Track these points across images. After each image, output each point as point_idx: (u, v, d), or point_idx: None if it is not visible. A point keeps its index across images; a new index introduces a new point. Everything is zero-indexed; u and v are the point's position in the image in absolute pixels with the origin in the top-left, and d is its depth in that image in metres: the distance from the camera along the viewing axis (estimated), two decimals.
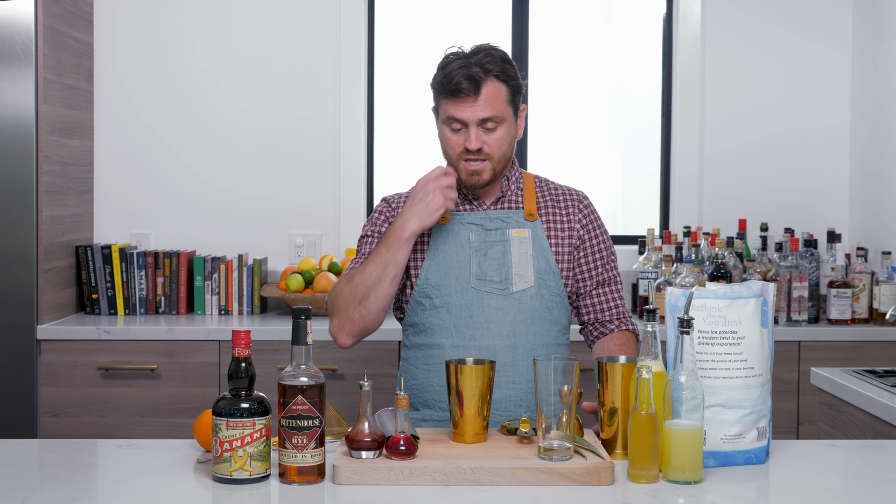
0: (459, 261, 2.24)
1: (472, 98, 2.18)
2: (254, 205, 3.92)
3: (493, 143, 2.21)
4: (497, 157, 2.23)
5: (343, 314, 2.21)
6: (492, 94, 2.19)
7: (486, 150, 2.21)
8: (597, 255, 2.33)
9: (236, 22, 3.92)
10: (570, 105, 4.13)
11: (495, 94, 2.19)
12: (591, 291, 2.33)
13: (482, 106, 2.18)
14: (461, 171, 2.23)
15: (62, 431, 3.34)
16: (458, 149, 2.22)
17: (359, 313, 2.19)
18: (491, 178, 2.24)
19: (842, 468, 1.93)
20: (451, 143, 2.23)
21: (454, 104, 2.19)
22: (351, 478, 1.73)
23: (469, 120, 2.19)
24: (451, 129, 2.22)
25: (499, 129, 2.21)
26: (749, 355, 1.87)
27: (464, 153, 2.21)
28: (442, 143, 2.26)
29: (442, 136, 2.26)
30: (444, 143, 2.25)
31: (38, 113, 3.33)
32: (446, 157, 2.27)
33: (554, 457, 1.77)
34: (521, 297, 2.23)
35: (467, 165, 2.22)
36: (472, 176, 2.23)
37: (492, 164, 2.22)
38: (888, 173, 3.73)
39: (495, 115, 2.19)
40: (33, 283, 3.32)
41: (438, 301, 2.24)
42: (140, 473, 1.80)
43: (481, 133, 2.20)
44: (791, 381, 3.44)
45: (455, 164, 2.24)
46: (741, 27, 4.00)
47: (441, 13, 4.11)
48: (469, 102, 2.18)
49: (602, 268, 2.34)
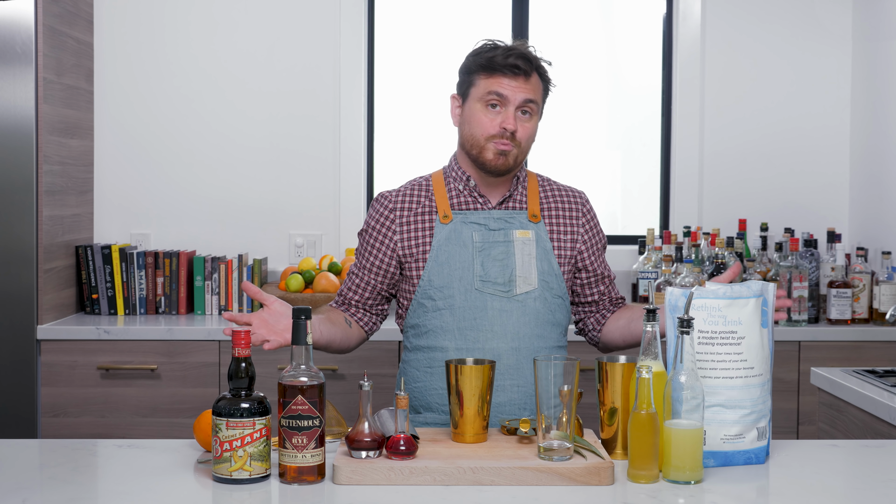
0: (462, 262, 2.23)
1: (522, 78, 2.21)
2: (254, 205, 3.92)
3: (525, 131, 2.23)
4: (524, 147, 2.24)
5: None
6: (535, 83, 2.24)
7: (518, 136, 2.22)
8: (598, 254, 2.37)
9: (236, 22, 3.92)
10: (570, 105, 4.13)
11: (537, 85, 2.25)
12: (594, 285, 2.36)
13: (529, 88, 2.21)
14: (487, 151, 2.22)
15: (62, 431, 3.34)
16: (491, 129, 2.21)
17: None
18: (513, 165, 2.24)
19: (842, 468, 1.93)
20: (483, 123, 2.22)
21: (503, 80, 2.20)
22: (351, 478, 1.73)
23: (512, 99, 2.20)
24: (488, 108, 2.21)
25: (532, 119, 2.24)
26: (749, 355, 1.87)
27: (497, 135, 2.21)
28: (471, 123, 2.24)
29: (472, 116, 2.23)
30: (475, 122, 2.23)
31: (38, 113, 3.33)
32: (471, 139, 2.24)
33: (554, 457, 1.77)
34: (525, 300, 2.23)
35: (497, 145, 2.21)
36: (499, 157, 2.21)
37: (518, 151, 2.23)
38: (888, 173, 3.73)
39: (536, 101, 2.23)
40: (33, 283, 3.32)
41: (442, 303, 2.23)
42: (140, 473, 1.80)
43: (518, 117, 2.22)
44: (791, 381, 3.44)
45: (482, 145, 2.22)
46: (741, 27, 4.00)
47: (441, 13, 4.11)
48: (520, 81, 2.20)
49: (603, 266, 2.37)
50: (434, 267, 2.24)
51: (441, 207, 2.27)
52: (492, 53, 2.22)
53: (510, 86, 2.20)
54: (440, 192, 2.29)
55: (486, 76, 2.22)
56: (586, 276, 2.34)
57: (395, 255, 2.28)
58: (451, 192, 2.30)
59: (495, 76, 2.21)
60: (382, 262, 2.29)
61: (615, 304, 2.39)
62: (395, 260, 2.28)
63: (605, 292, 2.37)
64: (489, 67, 2.21)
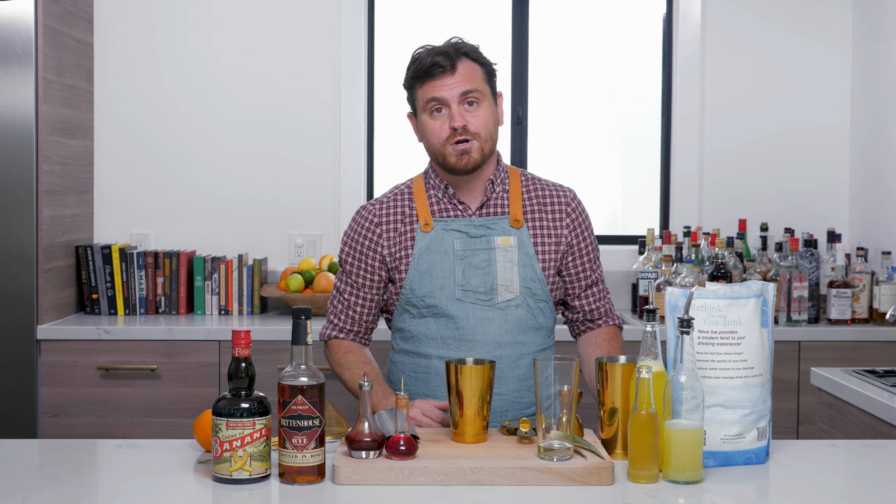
0: (444, 270, 2.22)
1: (448, 74, 2.18)
2: (254, 205, 3.92)
3: (477, 120, 2.19)
4: (483, 135, 2.20)
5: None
6: (468, 71, 2.20)
7: (472, 129, 2.18)
8: (585, 257, 2.32)
9: (236, 21, 3.92)
10: (570, 105, 4.13)
11: (471, 71, 2.21)
12: (580, 294, 2.33)
13: (460, 81, 2.18)
14: (449, 156, 2.19)
15: (62, 431, 3.34)
16: (442, 133, 2.19)
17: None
18: (480, 158, 2.20)
19: (842, 468, 1.93)
20: (434, 130, 2.20)
21: (432, 84, 2.19)
22: (351, 478, 1.73)
23: (449, 98, 2.18)
24: (432, 115, 2.20)
25: (481, 107, 2.20)
26: (749, 355, 1.87)
27: (450, 136, 2.18)
28: (426, 135, 2.23)
29: (424, 127, 2.23)
30: (428, 132, 2.22)
31: (38, 113, 3.33)
32: (432, 150, 2.23)
33: (554, 457, 1.77)
34: (507, 308, 2.22)
35: (455, 147, 2.19)
36: (462, 157, 2.19)
37: (479, 142, 2.19)
38: (888, 173, 3.73)
39: (475, 89, 2.19)
40: (33, 283, 3.32)
41: (425, 311, 2.23)
42: (140, 473, 1.80)
43: (463, 111, 2.19)
44: (791, 381, 3.44)
45: (442, 152, 2.20)
46: (741, 27, 4.00)
47: (441, 13, 4.11)
48: (447, 79, 2.18)
49: (590, 270, 2.33)
50: (415, 276, 2.23)
51: (422, 215, 2.25)
52: (417, 61, 2.23)
53: (441, 86, 2.18)
54: (420, 198, 2.27)
55: (420, 85, 2.22)
56: (569, 279, 2.31)
57: (384, 265, 2.27)
58: (431, 199, 2.28)
59: (427, 82, 2.20)
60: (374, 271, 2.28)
61: (607, 315, 2.35)
62: (385, 269, 2.28)
63: (586, 306, 2.33)
64: (418, 76, 2.22)
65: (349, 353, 2.31)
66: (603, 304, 2.36)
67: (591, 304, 2.34)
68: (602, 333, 2.33)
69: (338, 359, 2.31)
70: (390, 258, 2.26)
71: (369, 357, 2.31)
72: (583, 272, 2.32)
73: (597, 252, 2.36)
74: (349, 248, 2.30)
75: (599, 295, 2.35)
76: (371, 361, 2.30)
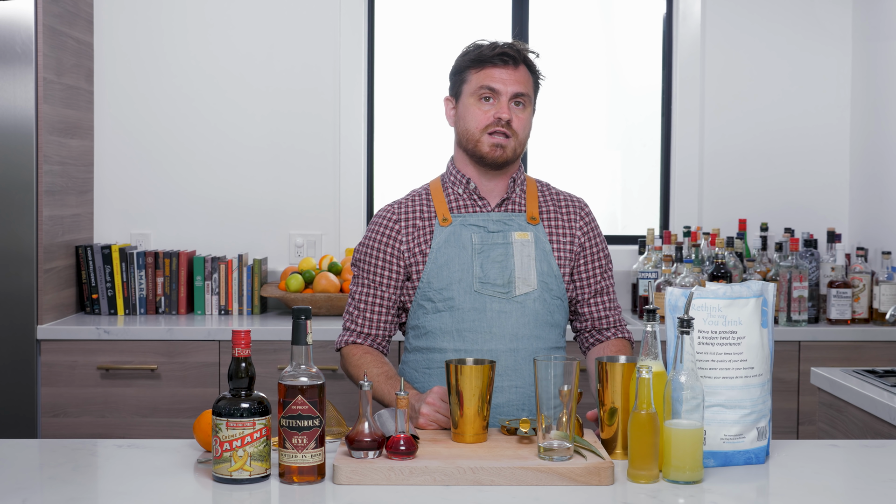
0: (462, 263, 2.23)
1: (511, 68, 2.24)
2: (254, 205, 3.92)
3: (520, 121, 2.25)
4: (521, 138, 2.26)
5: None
6: (524, 75, 2.27)
7: (515, 126, 2.24)
8: (596, 264, 2.34)
9: (236, 21, 3.92)
10: (570, 105, 4.13)
11: (527, 76, 2.28)
12: (589, 300, 2.33)
13: (518, 80, 2.24)
14: (483, 144, 2.24)
15: (62, 431, 3.34)
16: (485, 121, 2.23)
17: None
18: (511, 157, 2.25)
19: (842, 468, 1.93)
20: (477, 116, 2.24)
21: (490, 73, 2.23)
22: (351, 478, 1.73)
23: (503, 91, 2.23)
24: (481, 101, 2.24)
25: (525, 111, 2.27)
26: (749, 355, 1.87)
27: (490, 125, 2.23)
28: (465, 118, 2.26)
29: (466, 111, 2.26)
30: (470, 116, 2.25)
31: (38, 113, 3.33)
32: (466, 135, 2.26)
33: (554, 457, 1.77)
34: (524, 301, 2.23)
35: (492, 138, 2.23)
36: (495, 149, 2.23)
37: (515, 142, 2.24)
38: (888, 173, 3.73)
39: (527, 93, 2.26)
40: (33, 283, 3.32)
41: (441, 304, 2.23)
42: (140, 473, 1.80)
43: (511, 108, 2.24)
44: (791, 381, 3.44)
45: (478, 139, 2.24)
46: (741, 27, 4.00)
47: (441, 13, 4.11)
48: (509, 72, 2.23)
49: (600, 276, 2.34)
50: (433, 269, 2.24)
51: (440, 212, 2.28)
52: (480, 49, 2.27)
53: (500, 77, 2.23)
54: (438, 197, 2.30)
55: (476, 70, 2.25)
56: (578, 282, 2.31)
57: (401, 261, 2.28)
58: (450, 197, 2.30)
59: (485, 69, 2.24)
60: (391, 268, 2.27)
61: (616, 327, 2.35)
62: (402, 266, 2.28)
63: (595, 314, 2.33)
64: (478, 61, 2.25)
65: (367, 353, 2.28)
66: (612, 315, 2.35)
67: (599, 311, 2.34)
68: (610, 346, 2.32)
69: (354, 361, 2.28)
70: (408, 253, 2.26)
71: (385, 360, 2.29)
72: (592, 277, 2.33)
73: (609, 262, 2.37)
74: (366, 247, 2.31)
75: (609, 305, 2.35)
76: (388, 363, 2.28)
